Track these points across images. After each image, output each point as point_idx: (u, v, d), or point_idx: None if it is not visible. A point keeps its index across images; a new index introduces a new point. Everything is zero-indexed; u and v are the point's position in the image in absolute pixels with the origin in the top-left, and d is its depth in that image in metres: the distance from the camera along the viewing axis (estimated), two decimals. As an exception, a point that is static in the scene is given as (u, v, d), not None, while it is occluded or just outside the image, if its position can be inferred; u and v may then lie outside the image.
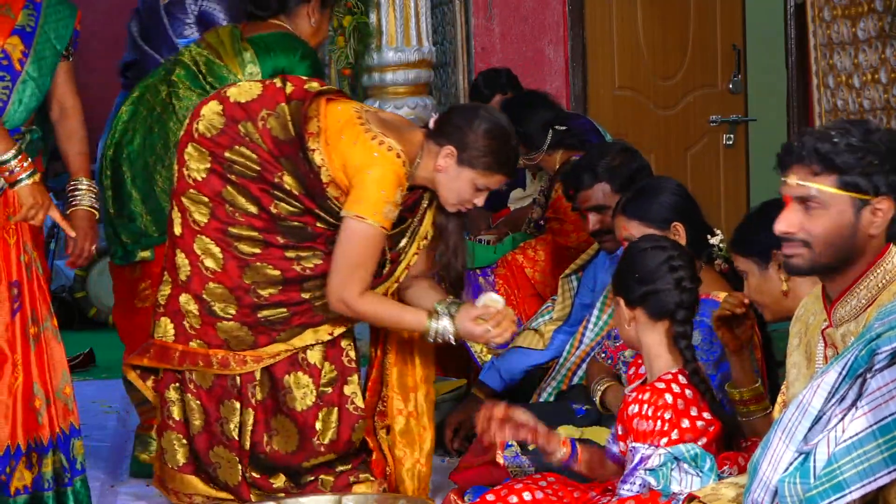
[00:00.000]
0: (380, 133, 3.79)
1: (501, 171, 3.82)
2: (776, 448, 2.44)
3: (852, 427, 2.32)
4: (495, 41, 6.75)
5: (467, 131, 3.78)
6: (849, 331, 2.63)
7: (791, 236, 2.63)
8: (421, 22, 6.22)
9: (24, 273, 3.84)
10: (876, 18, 4.91)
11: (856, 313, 2.63)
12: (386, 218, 3.75)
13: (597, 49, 6.79)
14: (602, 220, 4.20)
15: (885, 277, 2.62)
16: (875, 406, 2.32)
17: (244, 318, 3.88)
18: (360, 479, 3.99)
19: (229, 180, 3.86)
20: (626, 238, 3.74)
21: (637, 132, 6.66)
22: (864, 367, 2.36)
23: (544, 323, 4.55)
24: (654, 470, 2.99)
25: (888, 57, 4.88)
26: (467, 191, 3.82)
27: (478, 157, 3.77)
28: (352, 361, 3.96)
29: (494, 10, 6.73)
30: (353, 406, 3.95)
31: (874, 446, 2.29)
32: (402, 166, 3.76)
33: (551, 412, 3.98)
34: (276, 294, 3.87)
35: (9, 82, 3.77)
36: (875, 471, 2.28)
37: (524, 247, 4.96)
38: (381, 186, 3.74)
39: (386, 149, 3.75)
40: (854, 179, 2.58)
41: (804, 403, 2.42)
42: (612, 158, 4.24)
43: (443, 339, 3.83)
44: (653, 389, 3.09)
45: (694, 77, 6.95)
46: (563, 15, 6.71)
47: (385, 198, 3.73)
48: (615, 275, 3.24)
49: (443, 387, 5.05)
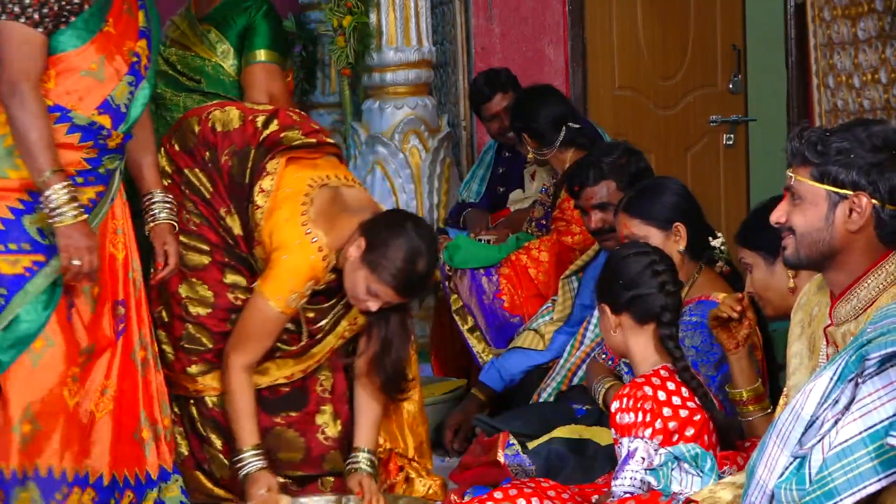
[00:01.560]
0: (312, 221, 3.73)
1: (394, 285, 3.69)
2: (771, 452, 2.44)
3: (844, 433, 2.32)
4: (495, 41, 6.74)
5: (385, 236, 3.69)
6: (849, 331, 2.63)
7: (781, 226, 2.64)
8: (421, 22, 6.21)
9: (132, 291, 3.61)
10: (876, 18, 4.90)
11: (856, 314, 2.62)
12: (288, 305, 3.71)
13: (597, 49, 6.78)
14: (605, 218, 4.20)
15: (886, 279, 2.61)
16: (865, 412, 2.32)
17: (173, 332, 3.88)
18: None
19: (184, 193, 3.88)
20: (627, 236, 3.75)
21: (637, 132, 6.65)
22: (854, 372, 2.36)
23: (544, 323, 4.56)
24: (654, 469, 2.99)
25: (888, 57, 4.88)
26: (360, 288, 3.70)
27: (378, 263, 3.67)
28: (325, 391, 3.97)
29: (494, 10, 6.72)
30: (325, 437, 3.97)
31: (864, 453, 2.30)
32: (322, 261, 3.71)
33: (551, 412, 3.98)
34: (204, 316, 3.86)
35: (134, 87, 3.53)
36: (865, 478, 2.29)
37: (528, 247, 4.95)
38: (291, 275, 3.70)
39: (310, 240, 3.71)
40: (831, 172, 2.57)
41: (797, 409, 2.43)
42: (618, 157, 4.25)
43: (240, 470, 3.76)
44: (632, 384, 3.12)
45: (694, 77, 6.95)
46: (563, 15, 6.70)
47: (292, 287, 3.70)
48: (599, 283, 3.28)
49: (443, 387, 5.05)
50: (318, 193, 3.79)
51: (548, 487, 3.16)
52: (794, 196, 2.62)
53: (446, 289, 4.96)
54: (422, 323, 6.37)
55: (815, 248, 2.60)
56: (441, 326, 5.29)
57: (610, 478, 3.23)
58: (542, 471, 3.49)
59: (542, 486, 3.17)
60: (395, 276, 3.66)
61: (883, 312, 2.42)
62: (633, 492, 2.99)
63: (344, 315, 3.90)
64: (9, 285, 3.23)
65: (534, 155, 5.07)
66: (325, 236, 3.72)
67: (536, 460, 3.54)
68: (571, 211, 4.80)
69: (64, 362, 3.36)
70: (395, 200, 6.06)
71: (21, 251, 3.25)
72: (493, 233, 5.34)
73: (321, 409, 3.97)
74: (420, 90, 6.25)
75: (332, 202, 3.82)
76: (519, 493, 3.11)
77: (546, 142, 5.00)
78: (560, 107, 5.07)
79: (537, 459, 3.53)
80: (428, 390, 5.02)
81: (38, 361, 3.29)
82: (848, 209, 2.57)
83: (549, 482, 3.21)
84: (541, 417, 3.93)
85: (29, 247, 3.28)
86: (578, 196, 4.30)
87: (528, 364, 4.52)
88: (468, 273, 4.92)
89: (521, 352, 4.54)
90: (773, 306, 3.25)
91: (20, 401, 3.31)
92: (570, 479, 3.37)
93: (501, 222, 5.51)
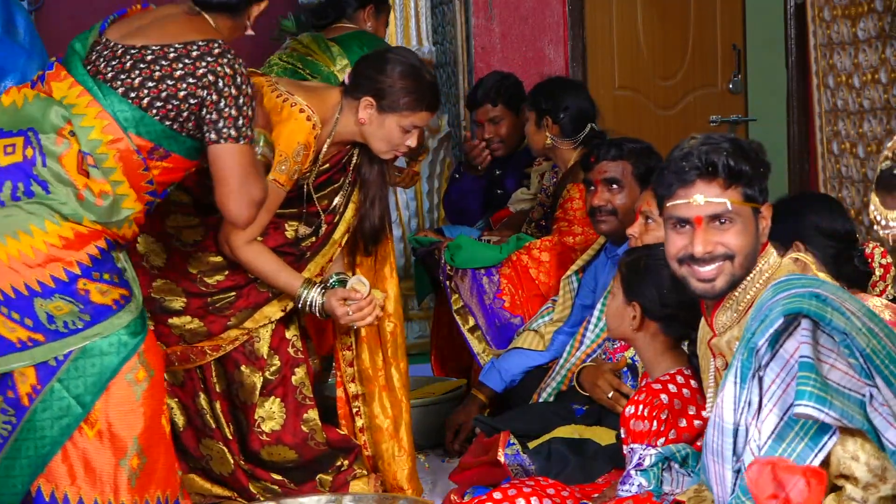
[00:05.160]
0: (287, 93, 3.79)
1: (423, 107, 3.83)
2: (714, 469, 2.47)
3: (766, 427, 2.34)
4: (495, 41, 6.74)
5: (380, 78, 3.80)
6: (733, 336, 2.63)
7: (711, 255, 2.63)
8: (421, 22, 6.22)
9: None
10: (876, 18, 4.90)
11: (737, 317, 2.63)
12: (282, 173, 3.73)
13: (597, 49, 6.78)
14: (609, 198, 4.22)
15: (761, 277, 2.62)
16: (777, 399, 2.34)
17: (194, 308, 3.89)
18: (356, 476, 4.00)
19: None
20: (643, 212, 3.76)
21: (637, 132, 6.60)
22: (752, 368, 2.38)
23: (544, 324, 4.55)
24: (645, 470, 2.99)
25: (888, 57, 4.88)
26: (396, 135, 3.83)
27: (396, 101, 3.79)
28: (298, 352, 3.98)
29: (494, 10, 6.72)
30: (302, 396, 3.96)
31: (793, 435, 2.32)
32: (307, 122, 3.75)
33: (551, 412, 3.98)
34: (223, 280, 3.88)
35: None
36: (805, 457, 2.31)
37: (529, 247, 4.95)
38: (278, 142, 3.70)
39: (289, 105, 3.75)
40: (751, 190, 2.61)
41: (717, 421, 2.45)
42: (641, 146, 4.30)
43: (310, 309, 3.85)
44: (648, 390, 3.09)
45: (694, 77, 6.95)
46: (563, 15, 6.70)
47: (282, 153, 3.71)
48: (636, 280, 3.20)
49: (443, 387, 5.05)
50: (278, 79, 3.90)
51: (547, 486, 3.16)
52: (722, 219, 2.63)
53: (447, 288, 4.96)
54: (422, 323, 6.38)
55: (749, 266, 2.65)
56: (441, 326, 5.29)
57: (610, 478, 3.23)
58: (542, 471, 3.49)
59: (541, 485, 3.17)
60: (419, 99, 3.80)
61: (759, 302, 2.44)
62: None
63: (352, 194, 3.96)
64: (94, 313, 3.20)
65: (551, 141, 5.03)
66: (304, 102, 3.77)
67: (537, 460, 3.54)
68: (573, 211, 4.80)
69: (161, 390, 3.35)
70: (395, 200, 6.06)
71: (112, 283, 3.24)
72: (496, 234, 5.33)
73: (294, 370, 3.98)
74: (420, 90, 6.23)
75: (296, 84, 3.94)
76: (518, 493, 3.10)
77: (566, 133, 5.00)
78: (590, 105, 5.08)
79: (538, 459, 3.53)
80: (428, 390, 5.03)
81: (140, 393, 3.25)
82: (762, 220, 2.66)
83: (548, 481, 3.21)
84: (541, 417, 3.93)
85: (117, 279, 3.27)
86: (591, 168, 4.32)
87: (528, 364, 4.52)
88: (469, 273, 4.92)
89: (520, 352, 4.53)
90: None
91: (128, 435, 3.25)
92: (570, 479, 3.37)
93: (502, 224, 5.51)
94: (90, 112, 3.22)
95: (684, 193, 2.61)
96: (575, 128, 4.99)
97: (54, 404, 3.18)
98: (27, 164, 3.18)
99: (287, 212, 3.88)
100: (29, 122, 3.22)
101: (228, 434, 3.98)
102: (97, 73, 3.26)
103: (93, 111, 3.22)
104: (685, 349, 3.18)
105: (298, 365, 3.97)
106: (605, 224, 4.25)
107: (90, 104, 3.22)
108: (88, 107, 3.22)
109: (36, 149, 3.19)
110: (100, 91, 3.23)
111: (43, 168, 3.17)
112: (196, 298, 3.88)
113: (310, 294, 3.83)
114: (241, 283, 3.88)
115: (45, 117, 3.21)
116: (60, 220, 3.16)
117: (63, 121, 3.21)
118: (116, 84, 3.24)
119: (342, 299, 3.83)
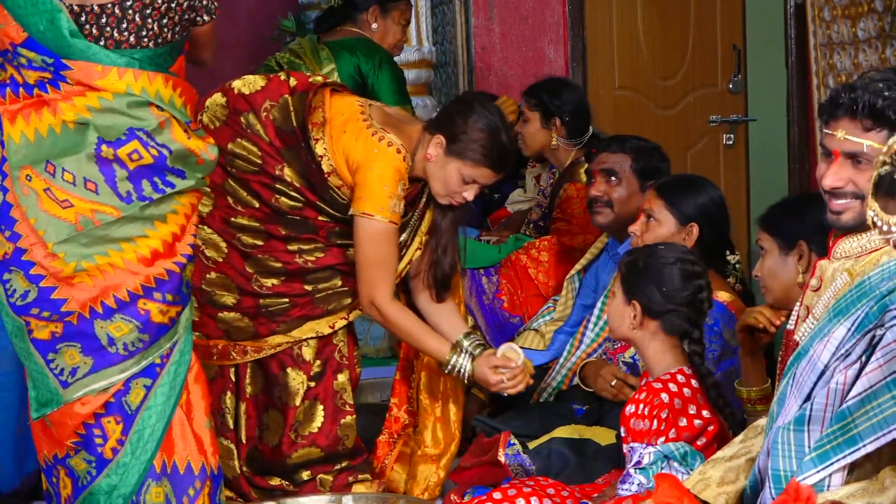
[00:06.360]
0: (380, 129, 3.82)
1: (488, 164, 3.82)
2: (789, 401, 2.45)
3: (866, 380, 2.32)
4: (495, 41, 6.74)
5: (459, 122, 3.82)
6: (843, 267, 2.62)
7: (839, 190, 2.62)
8: (421, 22, 6.22)
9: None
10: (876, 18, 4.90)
11: (858, 252, 2.62)
12: (393, 212, 3.78)
13: (597, 49, 6.78)
14: (607, 190, 4.24)
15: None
16: (890, 359, 2.31)
17: (245, 307, 3.89)
18: (358, 479, 4.00)
19: (230, 173, 3.88)
20: (645, 210, 3.76)
21: (637, 132, 6.57)
22: (874, 322, 2.37)
23: (545, 323, 4.55)
24: (644, 468, 2.99)
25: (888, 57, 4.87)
26: (454, 181, 3.83)
27: (465, 148, 3.80)
28: (344, 358, 3.98)
29: (494, 10, 6.72)
30: (342, 402, 3.97)
31: (888, 398, 2.29)
32: (403, 161, 3.80)
33: (551, 412, 3.98)
34: (279, 285, 3.90)
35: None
36: (890, 423, 2.27)
37: (528, 247, 4.95)
38: (382, 182, 3.76)
39: (386, 144, 3.79)
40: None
41: (814, 359, 2.43)
42: (645, 144, 4.34)
43: (457, 374, 3.87)
44: (649, 389, 3.09)
45: (694, 77, 6.94)
46: (563, 15, 6.70)
47: (388, 192, 3.76)
48: (635, 278, 3.21)
49: (443, 387, 5.05)
50: (370, 110, 3.91)
51: (547, 486, 3.16)
52: (859, 159, 2.57)
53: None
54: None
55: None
56: (441, 326, 5.28)
57: (610, 477, 3.23)
58: (542, 471, 3.49)
59: (541, 485, 3.17)
60: (486, 155, 3.80)
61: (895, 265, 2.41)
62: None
63: (418, 228, 3.97)
64: (153, 332, 3.31)
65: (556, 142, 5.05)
66: (397, 139, 3.81)
67: (537, 460, 3.54)
68: (572, 210, 4.81)
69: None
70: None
71: (172, 303, 3.35)
72: (495, 234, 5.34)
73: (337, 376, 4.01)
74: (420, 90, 6.25)
75: (386, 115, 3.94)
76: (518, 493, 3.10)
77: (571, 134, 5.03)
78: (588, 107, 5.15)
79: (538, 459, 3.53)
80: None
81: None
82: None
83: (548, 481, 3.21)
84: (541, 417, 3.93)
85: (178, 298, 3.36)
86: (592, 158, 4.37)
87: (528, 364, 4.52)
88: (468, 273, 4.92)
89: (521, 352, 4.53)
90: (775, 296, 3.24)
91: (206, 406, 3.45)
92: (570, 479, 3.38)
93: (501, 224, 5.51)
94: (141, 81, 3.26)
95: (833, 125, 2.61)
96: (580, 129, 5.02)
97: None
98: (160, 160, 3.28)
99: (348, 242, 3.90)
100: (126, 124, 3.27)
101: (242, 437, 3.98)
102: (108, 41, 3.26)
103: (144, 78, 3.26)
104: (685, 348, 3.18)
105: (342, 371, 3.99)
106: (600, 216, 4.28)
107: (137, 76, 3.26)
108: (137, 80, 3.26)
109: (152, 145, 3.28)
110: (126, 57, 3.25)
111: (170, 155, 3.28)
112: (249, 298, 3.90)
113: (458, 360, 3.87)
114: (297, 291, 3.90)
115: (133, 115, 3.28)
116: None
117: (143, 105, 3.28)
118: (133, 40, 3.27)
119: (494, 367, 3.84)
